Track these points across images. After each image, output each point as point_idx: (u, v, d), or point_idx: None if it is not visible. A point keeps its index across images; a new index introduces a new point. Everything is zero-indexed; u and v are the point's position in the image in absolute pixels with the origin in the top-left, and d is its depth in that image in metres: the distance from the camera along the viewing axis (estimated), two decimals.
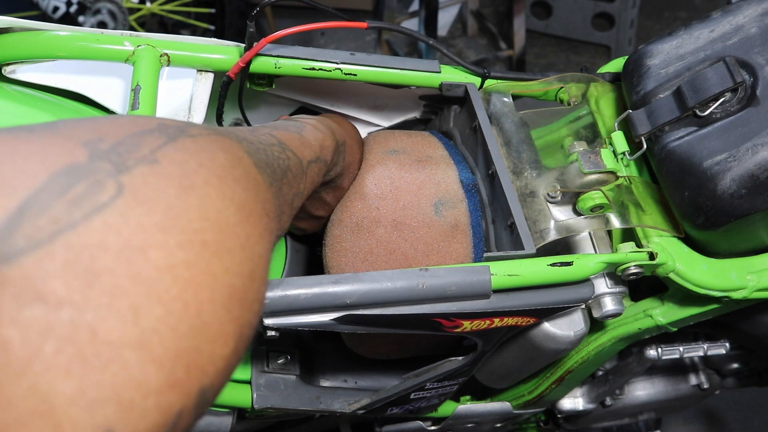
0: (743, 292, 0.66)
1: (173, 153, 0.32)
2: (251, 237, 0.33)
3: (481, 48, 2.63)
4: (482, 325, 0.60)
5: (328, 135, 0.59)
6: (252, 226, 0.33)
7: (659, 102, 0.63)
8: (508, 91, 0.71)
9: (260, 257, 0.33)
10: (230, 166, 0.34)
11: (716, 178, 0.59)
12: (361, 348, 0.71)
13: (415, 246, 0.63)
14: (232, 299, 0.30)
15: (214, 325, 0.29)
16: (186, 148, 0.33)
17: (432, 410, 0.82)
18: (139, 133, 0.32)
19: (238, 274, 0.31)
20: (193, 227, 0.29)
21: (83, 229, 0.26)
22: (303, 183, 0.50)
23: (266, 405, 0.68)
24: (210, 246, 0.30)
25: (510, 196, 0.62)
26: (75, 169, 0.28)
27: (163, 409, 0.26)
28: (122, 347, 0.25)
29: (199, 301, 0.28)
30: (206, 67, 0.67)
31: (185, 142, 0.33)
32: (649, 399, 1.01)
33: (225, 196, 0.32)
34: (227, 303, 0.30)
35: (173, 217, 0.29)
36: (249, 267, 0.32)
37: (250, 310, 0.32)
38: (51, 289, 0.24)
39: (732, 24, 0.63)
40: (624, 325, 0.74)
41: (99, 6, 2.12)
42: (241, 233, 0.32)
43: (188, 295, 0.28)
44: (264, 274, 0.34)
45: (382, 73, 0.69)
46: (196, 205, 0.30)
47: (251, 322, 0.32)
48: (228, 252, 0.30)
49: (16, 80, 0.65)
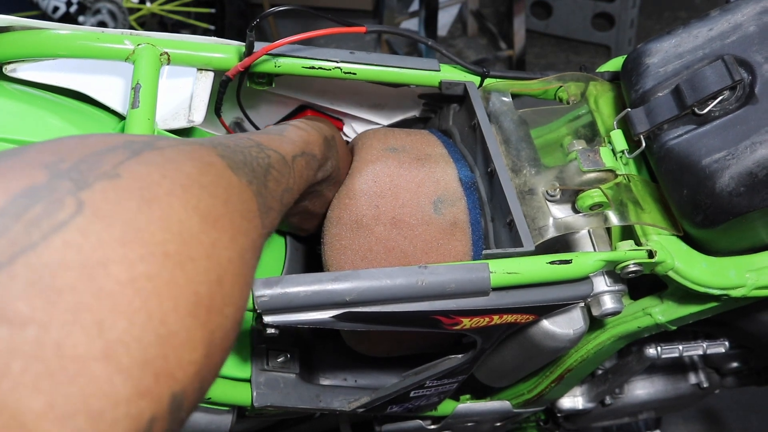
0: (742, 290, 0.66)
1: (136, 167, 0.32)
2: (218, 243, 0.33)
3: (481, 48, 2.63)
4: (481, 323, 0.60)
5: (313, 130, 0.60)
6: (219, 232, 0.34)
7: (658, 100, 0.64)
8: (508, 90, 0.71)
9: (230, 262, 0.34)
10: (198, 173, 0.35)
11: (715, 176, 0.59)
12: (360, 346, 0.71)
13: (414, 244, 0.63)
14: (198, 306, 0.31)
15: (181, 332, 0.29)
16: (150, 161, 0.33)
17: (431, 409, 0.82)
18: (102, 150, 0.33)
19: (204, 281, 0.31)
20: (154, 239, 0.30)
21: (43, 249, 0.27)
22: (291, 178, 0.51)
23: (266, 403, 0.68)
24: (172, 256, 0.30)
25: (509, 193, 0.62)
26: (34, 190, 0.29)
27: (133, 417, 0.27)
28: (89, 360, 0.26)
29: (162, 310, 0.29)
30: (206, 65, 0.67)
31: (150, 155, 0.34)
32: (649, 398, 1.01)
33: (189, 206, 0.33)
34: (193, 310, 0.30)
35: (134, 230, 0.29)
36: (216, 273, 0.32)
37: (221, 314, 0.32)
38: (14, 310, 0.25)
39: (730, 22, 0.63)
40: (623, 323, 0.75)
41: (99, 6, 2.13)
42: (206, 241, 0.32)
43: (151, 306, 0.28)
44: (235, 277, 0.34)
45: (382, 72, 0.69)
46: (158, 217, 0.31)
47: (224, 326, 0.33)
48: (191, 261, 0.31)
49: (16, 79, 0.66)
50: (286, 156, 0.52)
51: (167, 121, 0.68)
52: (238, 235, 0.35)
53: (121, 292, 0.27)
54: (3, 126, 0.60)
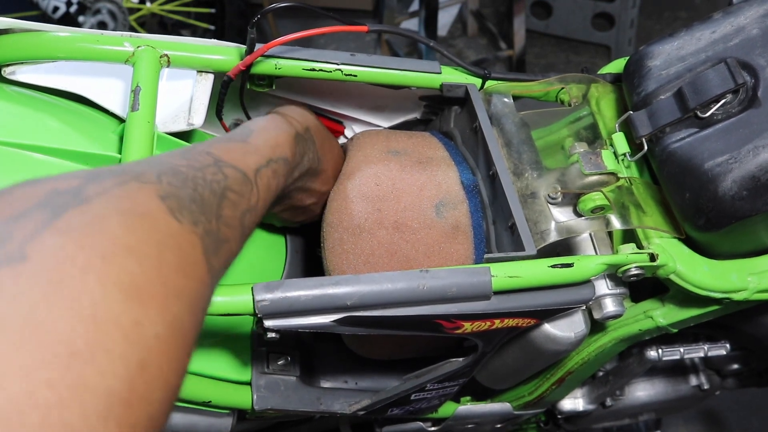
0: (744, 294, 0.66)
1: (48, 240, 0.29)
2: (142, 321, 0.30)
3: (481, 48, 2.63)
4: (483, 327, 0.60)
5: (282, 130, 0.58)
6: (145, 306, 0.30)
7: (660, 103, 0.63)
8: (509, 92, 0.71)
9: (156, 338, 0.31)
10: (125, 233, 0.32)
11: (717, 180, 0.59)
12: (361, 349, 0.71)
13: (416, 247, 0.63)
14: (113, 404, 0.28)
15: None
16: (68, 228, 0.30)
17: (432, 411, 0.81)
18: (16, 216, 0.30)
19: (120, 374, 0.28)
20: (59, 337, 0.27)
21: None
22: (254, 196, 0.48)
23: (266, 406, 0.68)
24: (80, 354, 0.27)
25: (511, 197, 0.61)
26: None
27: None
28: None
29: (66, 421, 0.26)
30: (206, 68, 0.67)
31: (71, 216, 0.30)
32: (650, 400, 1.01)
33: (108, 281, 0.29)
34: (106, 411, 0.27)
35: (33, 329, 0.26)
36: (137, 358, 0.29)
37: (145, 403, 0.29)
38: None
39: (733, 25, 0.63)
40: (624, 326, 0.74)
41: (99, 6, 2.12)
42: (126, 322, 0.29)
43: (52, 421, 0.25)
44: (164, 355, 0.31)
45: (383, 74, 0.69)
46: (66, 306, 0.27)
47: (149, 413, 0.30)
48: (105, 352, 0.28)
49: (15, 81, 0.65)
50: (248, 172, 0.48)
51: (167, 124, 0.67)
52: (171, 301, 0.32)
53: (15, 410, 0.24)
54: (2, 129, 0.60)
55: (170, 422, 0.66)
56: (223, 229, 0.41)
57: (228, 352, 0.68)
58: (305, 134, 0.61)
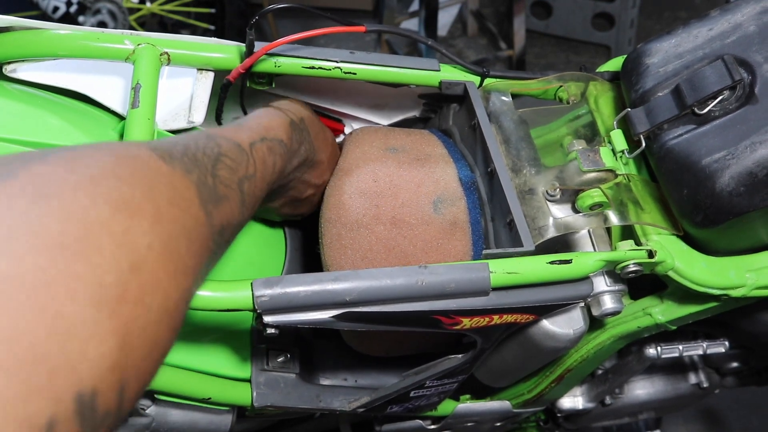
0: (742, 290, 0.66)
1: (37, 167, 0.31)
2: (131, 230, 0.32)
3: (481, 48, 2.63)
4: (481, 323, 0.60)
5: (276, 116, 0.59)
6: (136, 219, 0.32)
7: (658, 100, 0.64)
8: (508, 90, 0.71)
9: (149, 248, 0.32)
10: (114, 165, 0.34)
11: (715, 176, 0.59)
12: (360, 346, 0.71)
13: (414, 243, 0.63)
14: (105, 296, 0.29)
15: (82, 325, 0.28)
16: (57, 160, 0.32)
17: (431, 409, 0.82)
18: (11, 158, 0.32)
19: (112, 270, 0.30)
20: (48, 231, 0.28)
21: None
22: (250, 166, 0.49)
23: (266, 403, 0.68)
24: (70, 246, 0.29)
25: (509, 193, 0.62)
26: None
27: (22, 420, 0.25)
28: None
29: (57, 303, 0.27)
30: (206, 66, 0.67)
31: (60, 153, 0.33)
32: (649, 398, 1.01)
33: (98, 196, 0.31)
34: (98, 300, 0.29)
35: (24, 225, 0.28)
36: (127, 261, 0.31)
37: (139, 304, 0.31)
38: None
39: (730, 22, 0.63)
40: (623, 323, 0.75)
41: (99, 6, 2.13)
42: (117, 229, 0.31)
43: (43, 299, 0.27)
44: (159, 264, 0.33)
45: (382, 72, 0.69)
46: (55, 208, 0.29)
47: (144, 316, 0.31)
48: (96, 249, 0.30)
49: (16, 79, 0.66)
50: (242, 143, 0.50)
51: (167, 122, 0.68)
52: (161, 221, 0.34)
53: (3, 286, 0.26)
54: (3, 126, 0.60)
55: (170, 419, 0.67)
56: (219, 186, 0.42)
57: (228, 349, 0.68)
58: (300, 124, 0.62)
